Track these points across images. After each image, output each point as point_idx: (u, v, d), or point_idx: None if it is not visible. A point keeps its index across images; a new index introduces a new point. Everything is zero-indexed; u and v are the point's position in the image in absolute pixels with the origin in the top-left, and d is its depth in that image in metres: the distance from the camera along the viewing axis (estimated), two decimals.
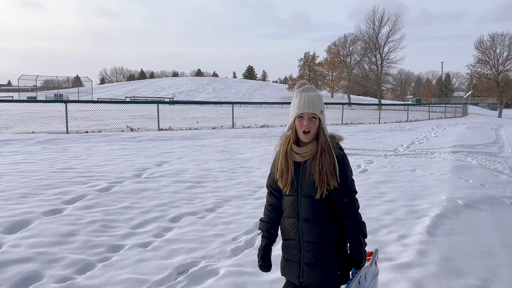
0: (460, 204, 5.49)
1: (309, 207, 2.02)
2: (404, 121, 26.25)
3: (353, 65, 63.29)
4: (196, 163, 8.35)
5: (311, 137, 2.03)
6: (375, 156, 9.96)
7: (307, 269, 2.03)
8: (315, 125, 2.02)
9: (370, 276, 2.07)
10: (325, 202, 2.02)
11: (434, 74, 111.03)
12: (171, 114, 22.18)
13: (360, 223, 2.04)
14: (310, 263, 2.03)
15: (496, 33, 47.08)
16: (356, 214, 2.05)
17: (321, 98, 2.08)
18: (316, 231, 2.01)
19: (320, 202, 2.00)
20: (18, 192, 5.51)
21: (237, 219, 4.71)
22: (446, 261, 3.66)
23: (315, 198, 2.00)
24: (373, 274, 2.11)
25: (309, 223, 2.02)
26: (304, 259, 2.04)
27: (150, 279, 3.22)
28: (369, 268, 2.09)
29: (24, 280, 3.14)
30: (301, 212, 2.04)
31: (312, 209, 2.02)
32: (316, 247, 2.02)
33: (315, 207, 2.01)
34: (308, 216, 2.02)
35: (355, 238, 2.01)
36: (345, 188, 2.03)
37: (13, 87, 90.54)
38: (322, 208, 2.01)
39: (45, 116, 19.63)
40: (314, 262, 2.02)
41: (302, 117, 2.02)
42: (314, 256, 2.02)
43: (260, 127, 18.60)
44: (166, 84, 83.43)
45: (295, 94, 2.11)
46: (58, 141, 11.53)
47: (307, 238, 2.03)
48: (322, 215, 2.02)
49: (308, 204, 2.02)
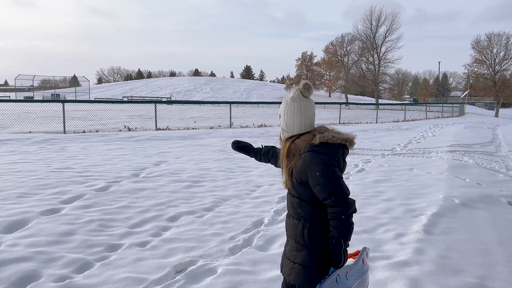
0: (457, 203, 5.52)
1: (289, 204, 2.17)
2: (402, 120, 26.31)
3: (350, 64, 63.38)
4: (194, 162, 8.35)
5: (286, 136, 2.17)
6: (373, 156, 9.99)
7: (285, 262, 2.18)
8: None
9: (354, 275, 2.04)
10: (300, 201, 2.06)
11: (431, 74, 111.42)
12: (168, 114, 22.18)
13: (343, 226, 1.94)
14: (287, 256, 2.16)
15: (492, 32, 47.30)
16: (339, 216, 1.93)
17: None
18: (292, 228, 2.13)
19: (296, 200, 2.10)
20: (15, 192, 5.50)
21: (235, 218, 4.72)
22: (443, 259, 3.68)
23: (292, 195, 2.12)
24: (359, 273, 2.07)
25: (290, 218, 2.16)
26: (286, 251, 2.20)
27: (148, 278, 3.22)
28: (353, 267, 2.06)
29: (22, 279, 3.14)
30: (288, 207, 2.19)
31: (291, 206, 2.14)
32: (292, 242, 2.13)
33: (292, 205, 2.13)
34: (289, 212, 2.17)
35: (335, 240, 1.95)
36: (322, 190, 1.95)
37: (10, 87, 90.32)
38: (297, 206, 2.09)
39: (42, 116, 19.58)
40: (288, 255, 2.15)
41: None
42: (289, 250, 2.15)
43: (258, 126, 18.60)
44: (163, 84, 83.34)
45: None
46: (56, 141, 11.50)
47: (288, 232, 2.18)
48: (298, 213, 2.09)
49: (289, 201, 2.17)
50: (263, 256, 3.67)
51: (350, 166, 8.33)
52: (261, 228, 4.44)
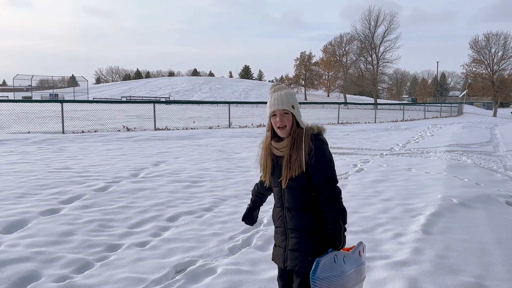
0: (455, 203, 5.54)
1: (291, 198, 2.18)
2: (400, 120, 26.37)
3: (349, 64, 63.41)
4: (193, 162, 8.36)
5: (288, 132, 2.17)
6: (371, 156, 10.01)
7: (290, 255, 2.18)
8: (289, 120, 2.16)
9: (351, 263, 2.12)
10: (306, 192, 2.14)
11: (429, 74, 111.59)
12: (167, 113, 22.18)
13: (340, 208, 2.09)
14: (293, 249, 2.17)
15: (491, 32, 47.42)
16: (336, 200, 2.09)
17: (292, 94, 2.22)
18: (297, 220, 2.16)
19: (301, 192, 2.14)
20: (15, 192, 5.50)
21: (234, 218, 4.74)
22: (441, 258, 3.70)
23: (296, 189, 2.15)
24: (355, 262, 2.15)
25: (291, 212, 2.18)
26: (288, 245, 2.20)
27: (148, 278, 3.24)
28: (350, 254, 2.14)
29: (23, 280, 3.15)
30: (285, 202, 2.20)
31: (293, 199, 2.16)
32: (298, 234, 2.16)
33: (295, 197, 2.16)
34: (290, 206, 2.18)
35: (334, 222, 2.07)
36: (323, 176, 2.09)
37: (8, 87, 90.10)
38: (302, 199, 2.15)
39: (40, 116, 19.56)
40: (296, 248, 2.16)
41: (275, 115, 2.18)
42: (296, 242, 2.16)
43: (257, 126, 18.62)
44: (162, 84, 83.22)
45: (268, 96, 2.25)
46: (54, 141, 11.50)
47: (290, 225, 2.18)
48: (302, 205, 2.14)
49: (289, 194, 2.18)
50: (263, 256, 3.68)
51: (348, 166, 8.36)
52: (260, 228, 4.45)
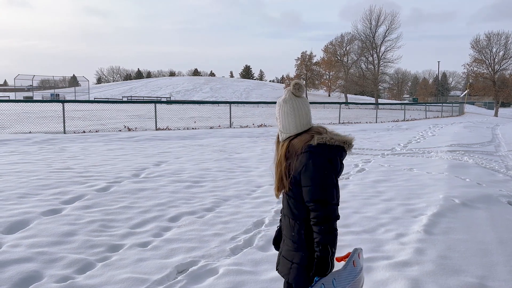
0: (457, 203, 5.53)
1: (285, 204, 2.17)
2: (401, 120, 26.34)
3: (350, 64, 63.37)
4: (194, 162, 8.36)
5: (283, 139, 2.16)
6: (372, 155, 10.01)
7: (281, 260, 2.19)
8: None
9: (343, 280, 1.99)
10: (300, 203, 2.03)
11: (430, 73, 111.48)
12: (168, 113, 22.19)
13: (328, 231, 1.92)
14: (283, 255, 2.17)
15: (492, 32, 47.29)
16: (323, 222, 1.92)
17: (292, 110, 2.12)
18: (288, 228, 2.13)
19: (292, 200, 2.08)
20: (16, 192, 5.51)
21: (235, 219, 4.73)
22: (443, 259, 3.69)
23: (291, 196, 2.10)
24: (349, 276, 2.02)
25: (285, 218, 2.16)
26: (282, 250, 2.20)
27: (150, 278, 3.23)
28: (341, 271, 2.02)
29: (24, 280, 3.15)
30: (283, 206, 2.20)
31: (287, 206, 2.14)
32: (288, 242, 2.13)
33: (288, 205, 2.13)
34: (285, 212, 2.18)
35: (320, 245, 1.93)
36: (308, 193, 1.96)
37: (9, 87, 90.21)
38: (293, 207, 2.08)
39: (42, 116, 19.59)
40: (285, 255, 2.15)
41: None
42: (286, 250, 2.15)
43: (258, 126, 18.61)
44: (163, 84, 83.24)
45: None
46: (56, 141, 11.51)
47: (284, 232, 2.18)
48: (293, 213, 2.08)
49: (285, 201, 2.17)
50: (264, 256, 3.68)
51: (350, 166, 8.35)
52: (262, 228, 4.45)
